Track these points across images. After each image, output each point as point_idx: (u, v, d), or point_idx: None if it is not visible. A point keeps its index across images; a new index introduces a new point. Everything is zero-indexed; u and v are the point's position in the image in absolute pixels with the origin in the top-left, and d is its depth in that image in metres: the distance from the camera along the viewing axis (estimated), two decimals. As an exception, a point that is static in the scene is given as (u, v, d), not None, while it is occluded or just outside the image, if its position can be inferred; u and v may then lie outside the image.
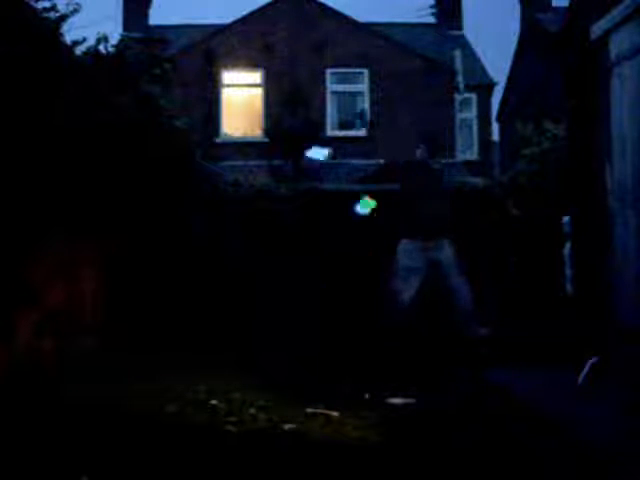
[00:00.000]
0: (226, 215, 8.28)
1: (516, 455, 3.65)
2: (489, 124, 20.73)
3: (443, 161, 16.26)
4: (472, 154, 19.62)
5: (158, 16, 34.08)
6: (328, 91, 17.53)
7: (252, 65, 17.37)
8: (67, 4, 5.52)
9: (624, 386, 4.77)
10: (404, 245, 7.10)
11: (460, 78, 17.81)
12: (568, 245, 6.91)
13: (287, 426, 4.09)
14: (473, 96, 19.80)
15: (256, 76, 17.49)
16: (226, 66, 17.30)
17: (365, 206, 7.64)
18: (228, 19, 17.87)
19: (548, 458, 3.62)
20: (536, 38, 17.47)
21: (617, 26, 5.51)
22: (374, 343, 6.49)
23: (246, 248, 8.19)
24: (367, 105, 17.42)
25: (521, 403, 4.84)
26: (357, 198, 7.99)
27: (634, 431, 3.93)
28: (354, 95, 17.68)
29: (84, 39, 6.06)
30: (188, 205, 7.29)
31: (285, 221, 8.46)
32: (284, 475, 3.33)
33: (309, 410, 4.45)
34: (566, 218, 6.97)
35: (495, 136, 21.71)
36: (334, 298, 8.06)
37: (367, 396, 5.00)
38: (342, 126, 17.51)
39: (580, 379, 5.10)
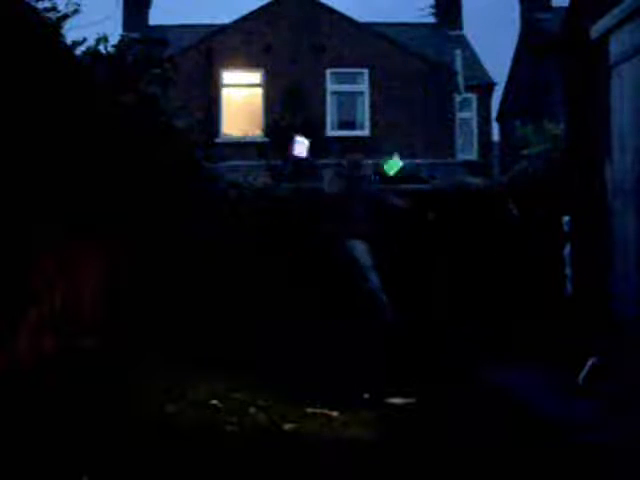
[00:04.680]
0: (226, 215, 8.28)
1: (515, 454, 3.65)
2: (489, 124, 20.72)
3: (442, 161, 16.35)
4: (472, 154, 19.61)
5: (158, 16, 34.07)
6: (328, 91, 17.53)
7: (252, 65, 17.36)
8: (67, 4, 5.53)
9: (624, 386, 4.77)
10: (356, 244, 7.32)
11: (460, 78, 17.81)
12: (568, 245, 6.91)
13: (287, 426, 4.09)
14: (473, 96, 19.79)
15: (256, 76, 17.49)
16: (226, 66, 17.30)
17: (392, 167, 7.75)
18: (228, 19, 17.89)
19: (547, 457, 3.62)
20: (536, 38, 17.48)
21: (617, 26, 5.51)
22: (366, 341, 6.53)
23: (246, 248, 8.19)
24: (367, 105, 17.42)
25: (521, 402, 4.84)
26: (356, 198, 7.99)
27: (634, 431, 3.93)
28: (354, 95, 17.68)
29: (84, 39, 6.06)
30: (188, 205, 7.29)
31: (286, 221, 8.47)
32: (284, 475, 3.33)
33: (309, 410, 4.45)
34: (566, 218, 6.97)
35: (495, 136, 21.71)
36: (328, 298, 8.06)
37: (367, 396, 4.99)
38: (342, 126, 17.50)
39: (580, 379, 5.10)
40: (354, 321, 7.13)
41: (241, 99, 17.72)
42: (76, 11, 5.59)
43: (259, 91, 17.49)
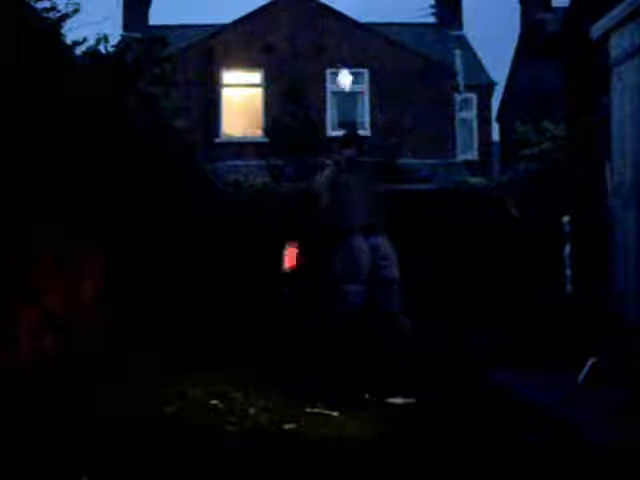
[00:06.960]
0: (225, 215, 8.29)
1: (515, 454, 3.65)
2: (489, 124, 20.73)
3: (442, 161, 16.32)
4: (472, 154, 19.62)
5: (158, 16, 34.11)
6: (328, 91, 17.54)
7: (252, 65, 17.38)
8: (67, 4, 5.53)
9: (624, 386, 4.77)
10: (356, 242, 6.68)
11: (460, 78, 17.84)
12: (568, 245, 6.91)
13: (287, 426, 4.09)
14: (473, 96, 19.81)
15: (256, 76, 17.50)
16: (226, 66, 17.31)
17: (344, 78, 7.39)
18: (228, 19, 17.89)
19: (546, 457, 3.62)
20: (536, 38, 17.48)
21: (617, 26, 5.51)
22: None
23: (246, 248, 8.20)
24: (367, 105, 17.42)
25: (521, 403, 4.84)
26: None
27: (634, 431, 3.92)
28: (354, 95, 17.69)
29: (84, 39, 6.07)
30: (188, 205, 7.29)
31: (286, 220, 8.47)
32: (284, 475, 3.33)
33: (309, 410, 4.45)
34: (566, 218, 6.98)
35: (495, 136, 21.73)
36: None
37: (367, 396, 4.99)
38: (342, 126, 17.52)
39: (580, 379, 5.10)
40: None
41: (241, 99, 17.73)
42: (76, 11, 5.60)
43: (259, 91, 17.50)
